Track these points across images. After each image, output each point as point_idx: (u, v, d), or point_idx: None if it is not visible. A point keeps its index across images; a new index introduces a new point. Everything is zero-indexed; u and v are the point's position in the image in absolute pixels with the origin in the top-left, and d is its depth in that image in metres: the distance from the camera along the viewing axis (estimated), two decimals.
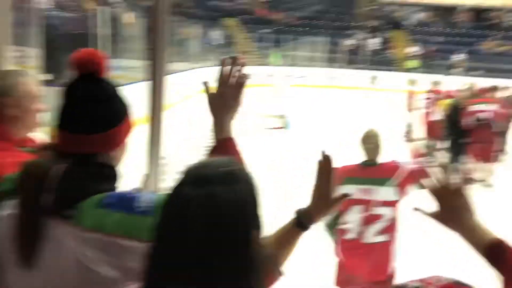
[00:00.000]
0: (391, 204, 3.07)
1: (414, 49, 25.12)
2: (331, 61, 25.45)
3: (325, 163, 1.28)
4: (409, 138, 3.26)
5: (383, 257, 3.11)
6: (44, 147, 1.26)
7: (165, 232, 0.90)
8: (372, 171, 3.14)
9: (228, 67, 1.38)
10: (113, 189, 1.18)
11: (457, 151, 8.15)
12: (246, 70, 1.38)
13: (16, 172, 1.19)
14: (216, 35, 22.80)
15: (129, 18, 12.54)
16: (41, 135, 1.87)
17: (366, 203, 3.06)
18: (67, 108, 1.18)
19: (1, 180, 1.55)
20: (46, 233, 1.10)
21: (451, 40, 26.80)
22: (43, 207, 1.10)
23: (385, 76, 23.63)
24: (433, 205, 1.20)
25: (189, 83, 16.47)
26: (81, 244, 1.07)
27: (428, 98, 9.50)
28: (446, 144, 8.73)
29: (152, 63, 1.47)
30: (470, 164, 7.90)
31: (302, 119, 12.48)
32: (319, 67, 24.58)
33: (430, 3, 28.66)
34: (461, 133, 7.94)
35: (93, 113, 1.16)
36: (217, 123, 1.39)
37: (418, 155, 3.36)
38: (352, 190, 2.98)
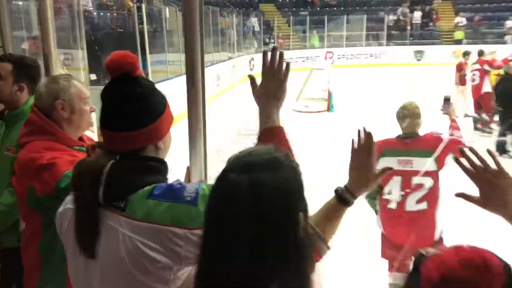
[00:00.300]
0: (431, 174, 3.15)
1: (460, 19, 24.02)
2: (373, 39, 24.84)
3: (366, 138, 1.29)
4: (445, 110, 3.26)
5: (426, 224, 3.17)
6: (95, 145, 1.35)
7: (214, 217, 0.94)
8: (411, 143, 3.24)
9: (269, 58, 1.41)
10: (161, 180, 1.25)
11: (509, 125, 7.78)
12: (287, 59, 1.41)
13: (72, 170, 1.30)
14: (254, 22, 22.71)
15: (170, 12, 12.73)
16: (93, 134, 1.97)
17: (406, 174, 3.17)
18: (107, 108, 1.26)
19: (59, 177, 1.67)
20: (102, 224, 1.20)
21: (501, 6, 25.41)
22: (97, 200, 1.20)
23: (431, 51, 22.83)
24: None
25: (232, 72, 16.62)
26: (134, 233, 1.16)
27: (476, 70, 9.12)
28: (497, 118, 8.35)
29: (189, 55, 1.48)
30: None
31: (347, 100, 12.27)
32: (359, 46, 24.06)
33: None
34: None
35: (131, 111, 1.24)
36: (265, 113, 1.41)
37: (456, 127, 3.41)
38: (391, 161, 3.12)
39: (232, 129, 9.61)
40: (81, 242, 1.22)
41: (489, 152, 1.13)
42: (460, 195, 1.14)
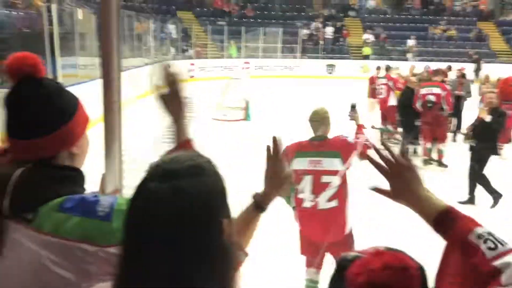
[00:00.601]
0: (337, 173, 3.42)
1: (368, 36, 25.64)
2: (288, 51, 25.67)
3: (274, 145, 1.31)
4: (352, 116, 3.71)
5: (338, 220, 3.44)
6: (3, 152, 1.25)
7: (134, 229, 0.89)
8: (320, 145, 3.52)
9: (172, 72, 1.48)
10: (76, 191, 1.17)
11: (411, 134, 8.48)
12: (180, 72, 1.49)
13: None
14: (172, 29, 22.48)
15: (83, 14, 12.19)
16: None
17: (316, 173, 3.44)
18: (10, 114, 1.17)
19: None
20: (5, 237, 1.10)
21: (403, 26, 27.52)
22: (2, 211, 1.10)
23: (341, 64, 24.07)
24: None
25: (146, 78, 16.26)
26: (40, 248, 1.08)
27: (383, 84, 9.76)
28: (401, 127, 9.04)
29: (104, 59, 1.41)
30: (425, 146, 8.21)
31: (263, 109, 12.54)
32: (275, 57, 24.74)
33: None
34: (414, 116, 8.24)
35: (36, 116, 1.15)
36: (176, 124, 1.47)
37: (361, 132, 3.84)
38: (304, 162, 3.46)
39: (148, 136, 9.40)
40: None
41: (384, 145, 1.23)
42: (374, 189, 1.21)
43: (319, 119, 3.59)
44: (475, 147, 6.25)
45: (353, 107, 4.12)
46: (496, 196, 6.18)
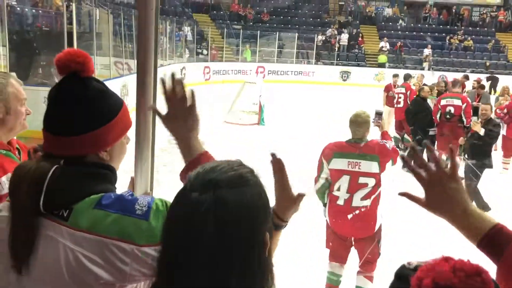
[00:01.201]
0: (374, 175, 3.66)
1: (383, 44, 25.51)
2: (303, 57, 25.66)
3: (275, 164, 1.24)
4: (377, 123, 3.82)
5: (368, 217, 3.66)
6: (37, 148, 1.25)
7: (174, 239, 0.87)
8: (360, 148, 3.70)
9: (171, 86, 1.32)
10: (109, 189, 1.17)
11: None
12: (188, 85, 1.32)
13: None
14: (187, 31, 22.59)
15: (101, 14, 12.30)
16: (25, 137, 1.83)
17: (354, 174, 3.64)
18: (52, 110, 1.17)
19: None
20: (41, 235, 1.10)
21: (419, 35, 27.35)
22: (37, 208, 1.10)
23: (356, 72, 23.98)
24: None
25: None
26: (76, 245, 1.07)
27: (401, 93, 9.67)
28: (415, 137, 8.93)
29: (139, 63, 1.37)
30: (441, 157, 8.12)
31: (277, 114, 12.52)
32: (290, 63, 24.74)
33: None
34: (426, 125, 8.14)
35: (78, 114, 1.15)
36: (184, 143, 1.33)
37: (388, 138, 4.06)
38: (343, 162, 3.67)
39: (163, 137, 9.43)
40: (14, 256, 1.10)
41: (450, 149, 1.13)
42: (404, 194, 1.11)
43: (361, 122, 3.72)
44: (469, 161, 6.20)
45: (378, 114, 4.24)
46: (485, 210, 6.07)
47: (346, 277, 3.94)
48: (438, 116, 7.86)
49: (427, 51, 25.12)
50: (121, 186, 1.35)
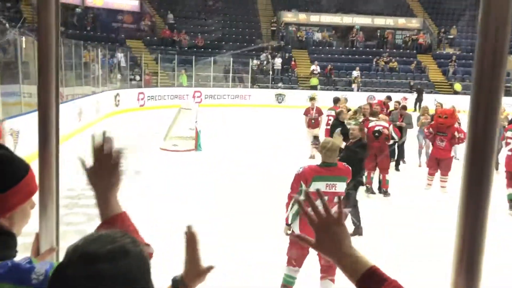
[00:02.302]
0: (342, 194, 4.18)
1: (314, 68, 26.46)
2: (239, 81, 26.03)
3: (190, 237, 1.26)
4: (315, 145, 4.33)
5: None
6: None
7: None
8: (333, 171, 4.23)
9: (99, 141, 1.34)
10: (7, 256, 1.14)
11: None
12: (117, 144, 1.34)
13: None
14: (120, 57, 22.26)
15: (27, 43, 11.88)
16: None
17: (330, 194, 4.00)
18: None
19: None
20: None
21: (348, 58, 28.66)
22: None
23: (290, 94, 24.63)
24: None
25: (96, 107, 15.94)
26: None
27: (331, 115, 10.06)
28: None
29: (41, 88, 1.34)
30: (369, 175, 8.49)
31: (214, 139, 12.55)
32: (226, 87, 25.00)
33: (328, 23, 30.51)
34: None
35: None
36: (102, 199, 1.32)
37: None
38: (321, 185, 4.06)
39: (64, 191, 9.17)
40: None
41: (338, 199, 1.17)
42: (297, 236, 1.17)
43: (334, 149, 4.26)
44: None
45: (315, 137, 4.54)
46: (356, 227, 6.27)
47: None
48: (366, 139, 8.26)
49: (355, 73, 26.37)
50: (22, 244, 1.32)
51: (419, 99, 23.14)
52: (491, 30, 0.88)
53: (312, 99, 11.49)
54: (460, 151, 11.74)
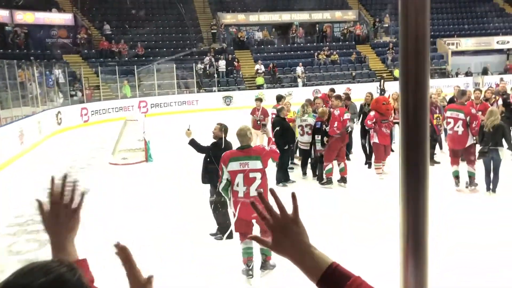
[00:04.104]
0: (260, 170, 5.02)
1: (258, 67, 26.63)
2: (184, 86, 25.78)
3: (121, 253, 1.20)
4: (263, 131, 5.85)
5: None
6: None
7: None
8: (246, 152, 5.09)
9: (59, 185, 1.27)
10: None
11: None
12: (80, 187, 1.28)
13: None
14: (58, 73, 21.47)
15: None
16: None
17: (245, 172, 4.95)
18: None
19: None
20: None
21: (290, 54, 29.07)
22: None
23: (238, 95, 24.65)
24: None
25: (37, 128, 15.30)
26: None
27: (274, 114, 10.14)
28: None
29: None
30: (327, 167, 8.63)
31: (164, 148, 12.35)
32: (172, 94, 24.69)
33: (268, 22, 30.79)
34: (291, 142, 8.79)
35: None
36: (57, 246, 1.25)
37: (273, 142, 5.74)
38: (236, 164, 4.99)
39: (42, 192, 8.79)
40: None
41: (292, 196, 1.12)
42: (252, 237, 1.14)
43: (244, 133, 5.16)
44: None
45: (264, 125, 6.52)
46: (222, 228, 6.24)
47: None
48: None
49: (299, 69, 26.77)
50: None
51: (382, 89, 23.30)
52: (411, 16, 0.91)
53: (258, 100, 11.52)
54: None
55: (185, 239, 6.22)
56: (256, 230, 5.03)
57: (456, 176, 8.02)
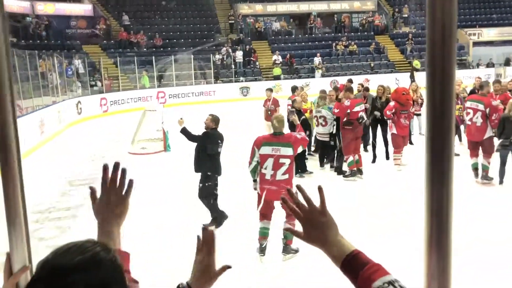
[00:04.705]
0: (289, 157, 5.36)
1: (276, 57, 26.51)
2: (202, 77, 25.84)
3: (207, 236, 1.26)
4: (291, 117, 6.54)
5: (288, 185, 5.16)
6: None
7: None
8: (279, 138, 5.45)
9: (110, 173, 1.32)
10: None
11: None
12: (129, 175, 1.33)
13: None
14: (78, 63, 21.73)
15: None
16: None
17: (276, 157, 5.32)
18: None
19: None
20: None
21: (308, 45, 28.86)
22: None
23: (255, 86, 24.62)
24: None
25: (58, 117, 15.54)
26: None
27: (290, 105, 10.10)
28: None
29: None
30: (350, 159, 8.56)
31: (182, 138, 12.39)
32: (189, 85, 24.78)
33: (285, 12, 30.61)
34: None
35: None
36: (104, 230, 1.29)
37: (301, 129, 6.08)
38: (269, 149, 5.34)
39: (62, 181, 8.94)
40: None
41: (319, 189, 1.17)
42: (287, 229, 1.22)
43: (279, 121, 5.52)
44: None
45: (291, 111, 6.94)
46: (216, 218, 6.38)
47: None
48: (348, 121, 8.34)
49: (317, 60, 26.58)
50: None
51: (412, 78, 22.93)
52: (439, 5, 0.90)
53: (268, 90, 11.53)
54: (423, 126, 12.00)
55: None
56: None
57: (475, 168, 7.92)
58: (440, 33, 0.90)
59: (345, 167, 8.76)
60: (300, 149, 5.59)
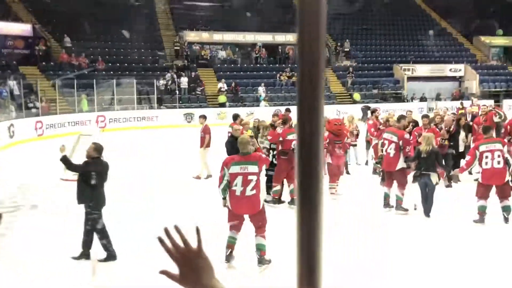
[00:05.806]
0: (256, 174, 5.92)
1: (221, 85, 26.68)
2: (145, 102, 25.47)
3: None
4: (252, 142, 6.76)
5: (256, 200, 5.93)
6: None
7: None
8: (246, 157, 5.97)
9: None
10: None
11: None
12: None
13: None
14: (13, 85, 20.78)
15: None
16: None
17: (244, 175, 5.85)
18: None
19: None
20: None
21: (253, 74, 29.31)
22: None
23: (199, 113, 24.49)
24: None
25: None
26: None
27: (228, 132, 10.14)
28: None
29: None
30: (276, 188, 8.65)
31: (122, 165, 12.07)
32: (131, 109, 24.33)
33: (231, 41, 31.03)
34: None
35: None
36: None
37: (261, 151, 6.95)
38: (236, 168, 5.84)
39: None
40: None
41: (197, 230, 1.13)
42: (162, 272, 1.10)
43: (246, 141, 6.04)
44: None
45: (251, 136, 6.93)
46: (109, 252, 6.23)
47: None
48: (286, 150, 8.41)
49: (261, 89, 27.01)
50: None
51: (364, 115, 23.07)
52: (306, 44, 0.92)
53: (201, 117, 11.65)
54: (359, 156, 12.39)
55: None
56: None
57: (386, 197, 8.30)
58: (308, 69, 0.92)
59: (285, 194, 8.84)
60: (264, 167, 6.38)
